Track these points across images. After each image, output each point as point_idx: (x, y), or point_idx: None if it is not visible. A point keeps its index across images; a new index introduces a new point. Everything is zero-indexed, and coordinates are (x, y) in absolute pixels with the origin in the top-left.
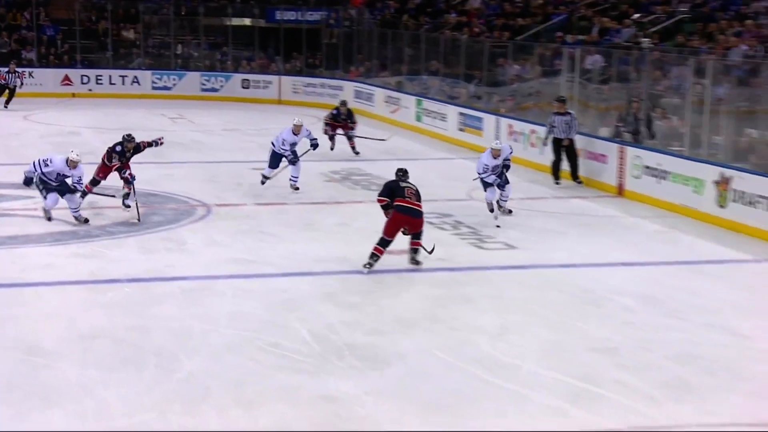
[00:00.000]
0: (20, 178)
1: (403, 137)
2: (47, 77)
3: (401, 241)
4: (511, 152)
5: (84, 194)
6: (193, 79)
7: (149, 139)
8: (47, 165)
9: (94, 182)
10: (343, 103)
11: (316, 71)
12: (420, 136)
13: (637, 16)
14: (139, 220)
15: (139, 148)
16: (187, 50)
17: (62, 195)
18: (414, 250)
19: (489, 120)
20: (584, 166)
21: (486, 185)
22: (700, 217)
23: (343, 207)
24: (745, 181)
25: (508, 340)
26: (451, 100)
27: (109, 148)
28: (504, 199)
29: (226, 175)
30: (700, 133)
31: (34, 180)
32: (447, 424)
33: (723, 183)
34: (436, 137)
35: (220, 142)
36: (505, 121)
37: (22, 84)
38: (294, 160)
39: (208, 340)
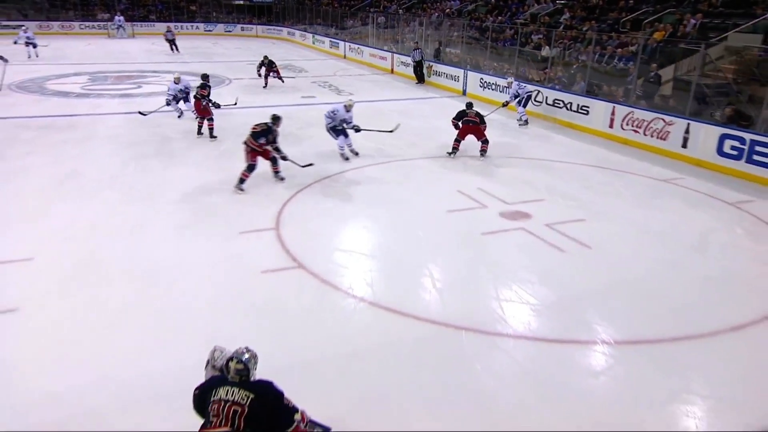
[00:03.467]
0: (135, 69)
1: (305, 51)
2: (161, 27)
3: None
4: (522, 87)
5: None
6: (221, 27)
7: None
8: (334, 114)
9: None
10: (265, 57)
11: (271, 23)
12: (314, 50)
13: None
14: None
15: (207, 88)
16: (218, 14)
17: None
18: (484, 150)
19: (342, 44)
20: (377, 63)
21: (518, 104)
22: (414, 79)
23: (269, 89)
24: (437, 66)
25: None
26: (326, 35)
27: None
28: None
29: (237, 67)
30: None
31: (331, 129)
32: (323, 169)
33: (430, 67)
34: (320, 50)
35: (233, 53)
36: (348, 44)
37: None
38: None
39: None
